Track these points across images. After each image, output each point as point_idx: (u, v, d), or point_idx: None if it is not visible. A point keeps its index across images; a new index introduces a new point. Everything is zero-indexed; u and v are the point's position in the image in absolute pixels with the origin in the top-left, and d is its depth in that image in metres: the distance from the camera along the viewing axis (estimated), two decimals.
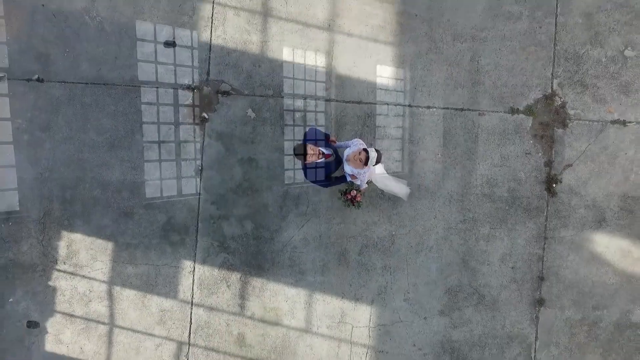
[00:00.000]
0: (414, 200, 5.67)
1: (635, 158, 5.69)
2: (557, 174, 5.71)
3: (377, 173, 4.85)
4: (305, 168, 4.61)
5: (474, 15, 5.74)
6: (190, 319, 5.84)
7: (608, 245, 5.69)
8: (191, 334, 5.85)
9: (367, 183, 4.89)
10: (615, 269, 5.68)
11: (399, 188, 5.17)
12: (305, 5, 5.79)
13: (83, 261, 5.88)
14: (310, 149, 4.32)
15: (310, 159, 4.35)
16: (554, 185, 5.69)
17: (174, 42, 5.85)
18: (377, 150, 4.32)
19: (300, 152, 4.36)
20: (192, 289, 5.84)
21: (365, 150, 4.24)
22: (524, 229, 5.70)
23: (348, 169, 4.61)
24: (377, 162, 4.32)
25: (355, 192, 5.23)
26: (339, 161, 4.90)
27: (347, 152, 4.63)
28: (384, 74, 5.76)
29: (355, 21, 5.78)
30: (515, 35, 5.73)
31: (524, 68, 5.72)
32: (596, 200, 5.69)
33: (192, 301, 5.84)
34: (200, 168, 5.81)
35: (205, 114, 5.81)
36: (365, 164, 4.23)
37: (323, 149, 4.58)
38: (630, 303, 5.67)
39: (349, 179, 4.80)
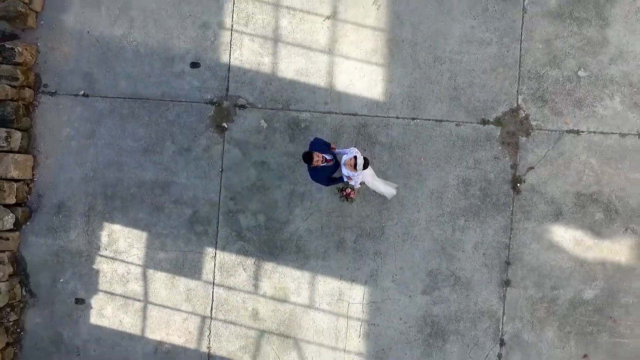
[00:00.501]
0: (400, 197, 6.74)
1: (587, 162, 6.74)
2: (521, 175, 6.77)
3: (368, 175, 5.92)
4: (310, 170, 5.70)
5: (451, 41, 6.80)
6: (212, 297, 6.93)
7: (564, 235, 6.75)
8: (212, 310, 6.93)
9: (360, 184, 5.97)
10: (570, 255, 6.74)
11: (385, 189, 6.26)
12: (309, 33, 6.86)
13: (121, 248, 6.97)
14: (316, 155, 5.40)
15: (315, 163, 5.43)
16: (519, 184, 6.76)
17: (199, 63, 6.93)
18: (365, 158, 5.40)
19: (308, 158, 5.44)
20: (214, 272, 6.93)
21: (355, 157, 5.33)
22: (493, 221, 6.77)
23: (344, 171, 5.69)
24: (365, 167, 5.40)
25: (350, 190, 6.31)
26: (337, 164, 5.98)
27: (344, 158, 5.70)
28: (376, 90, 6.83)
29: (351, 46, 6.85)
30: (486, 58, 6.79)
31: (494, 86, 6.78)
32: (554, 197, 6.75)
33: (213, 282, 6.93)
34: (220, 169, 6.89)
35: (224, 124, 6.89)
36: (356, 168, 5.32)
37: (325, 155, 5.66)
38: (582, 284, 6.72)
39: (345, 179, 5.87)
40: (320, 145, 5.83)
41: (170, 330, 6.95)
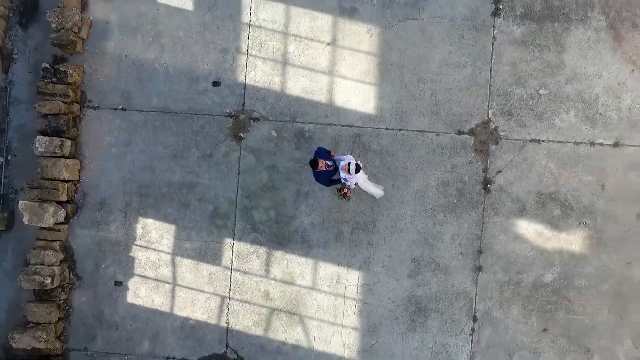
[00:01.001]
0: (389, 196, 8.00)
1: (547, 166, 7.99)
2: (491, 178, 8.02)
3: (360, 178, 7.19)
4: (315, 174, 6.96)
5: (433, 64, 8.05)
6: (230, 280, 8.20)
7: (527, 228, 8.00)
8: (230, 291, 8.20)
9: (354, 185, 7.23)
10: (532, 245, 7.99)
11: (374, 190, 7.54)
12: (312, 57, 8.13)
13: (154, 238, 8.24)
14: (321, 162, 6.67)
15: (320, 168, 6.69)
16: (489, 185, 8.01)
17: (219, 82, 8.19)
18: (357, 164, 6.67)
19: (314, 164, 6.71)
20: (232, 259, 8.20)
21: (349, 163, 6.60)
22: (467, 216, 8.02)
23: (342, 174, 6.95)
24: (358, 171, 6.67)
25: (346, 190, 7.58)
26: (336, 169, 7.23)
27: (341, 164, 6.96)
28: (369, 106, 8.09)
29: (348, 68, 8.12)
30: (462, 78, 8.04)
31: (468, 102, 8.04)
32: (519, 196, 8.00)
33: (231, 267, 8.20)
34: (238, 172, 8.16)
35: (241, 134, 8.16)
36: (348, 171, 6.59)
37: (327, 162, 6.92)
38: (542, 269, 7.97)
39: (342, 181, 7.13)
40: (323, 153, 7.09)
41: (195, 308, 8.22)
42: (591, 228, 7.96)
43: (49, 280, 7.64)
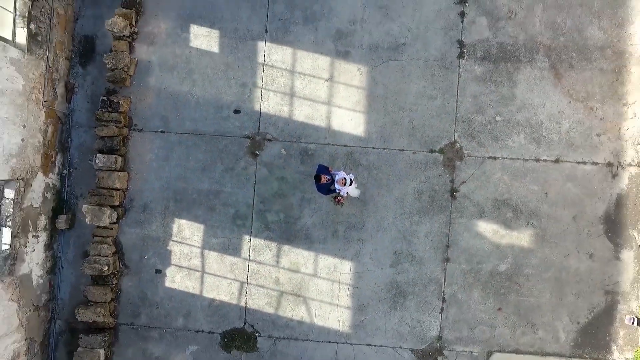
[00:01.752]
0: (375, 202, 10.01)
1: (501, 178, 9.98)
2: (457, 187, 10.02)
3: (350, 189, 9.20)
4: (317, 185, 8.98)
5: (410, 96, 10.06)
6: (248, 269, 10.21)
7: (486, 227, 10.00)
8: (248, 277, 10.21)
9: (346, 193, 9.25)
10: (489, 241, 9.99)
11: (355, 192, 9.59)
12: (314, 90, 10.14)
13: (186, 235, 10.26)
14: (322, 176, 8.67)
15: (321, 182, 8.71)
16: (455, 193, 10.01)
17: (240, 110, 10.21)
18: (350, 179, 8.70)
19: (318, 178, 8.71)
20: (249, 252, 10.21)
21: (344, 179, 8.63)
22: (438, 218, 10.02)
23: (337, 186, 8.97)
24: (350, 184, 8.69)
25: (340, 197, 9.60)
26: (333, 181, 9.23)
27: (336, 178, 8.98)
28: (359, 129, 10.10)
29: (342, 99, 10.13)
30: (433, 108, 10.04)
31: (439, 127, 10.04)
32: (479, 202, 10.00)
33: (249, 258, 10.21)
34: (254, 182, 10.18)
35: (257, 152, 10.17)
36: (344, 185, 8.61)
37: (327, 176, 8.93)
38: (497, 260, 9.96)
39: (337, 191, 9.14)
40: (323, 169, 9.10)
41: (219, 291, 10.24)
42: (537, 227, 9.96)
43: (105, 268, 9.68)
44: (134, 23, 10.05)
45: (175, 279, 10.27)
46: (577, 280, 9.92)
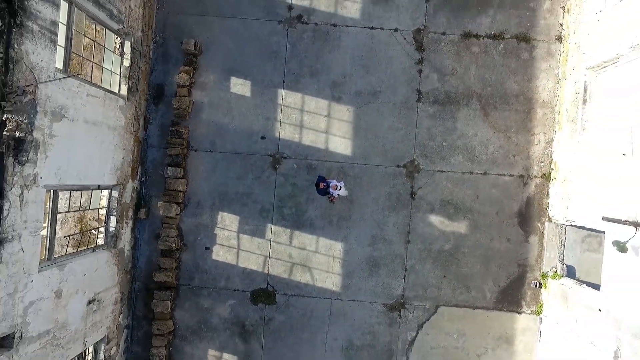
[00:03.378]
0: (359, 204, 14.41)
1: (446, 185, 14.36)
2: (415, 191, 14.40)
3: (341, 192, 13.62)
4: (317, 189, 13.39)
5: (383, 128, 14.43)
6: (270, 247, 14.63)
7: (435, 219, 14.37)
8: (270, 253, 14.63)
9: (337, 195, 13.67)
10: (437, 228, 14.35)
11: (344, 193, 14.02)
12: (316, 123, 14.55)
13: (227, 223, 14.69)
14: (320, 183, 13.06)
15: (320, 187, 13.09)
16: (414, 194, 14.40)
17: (265, 137, 14.63)
18: (341, 185, 13.11)
19: (318, 185, 13.11)
20: (271, 235, 14.63)
21: (336, 185, 13.05)
22: (402, 212, 14.40)
23: (331, 190, 13.37)
24: (341, 189, 13.12)
25: (333, 197, 14.03)
26: (328, 186, 13.62)
27: (331, 184, 13.38)
28: (347, 151, 14.51)
29: (336, 130, 14.53)
30: (399, 136, 14.43)
31: (403, 149, 14.42)
32: (431, 201, 14.37)
33: (270, 239, 14.62)
34: (274, 187, 14.61)
35: (277, 166, 14.60)
36: (336, 189, 13.05)
37: (324, 183, 13.33)
38: (443, 242, 14.31)
39: (331, 194, 13.53)
40: (322, 178, 13.48)
41: (250, 263, 14.65)
42: (471, 220, 14.33)
43: (173, 245, 14.14)
44: (192, 75, 14.50)
45: (219, 254, 14.71)
46: (499, 257, 14.30)
